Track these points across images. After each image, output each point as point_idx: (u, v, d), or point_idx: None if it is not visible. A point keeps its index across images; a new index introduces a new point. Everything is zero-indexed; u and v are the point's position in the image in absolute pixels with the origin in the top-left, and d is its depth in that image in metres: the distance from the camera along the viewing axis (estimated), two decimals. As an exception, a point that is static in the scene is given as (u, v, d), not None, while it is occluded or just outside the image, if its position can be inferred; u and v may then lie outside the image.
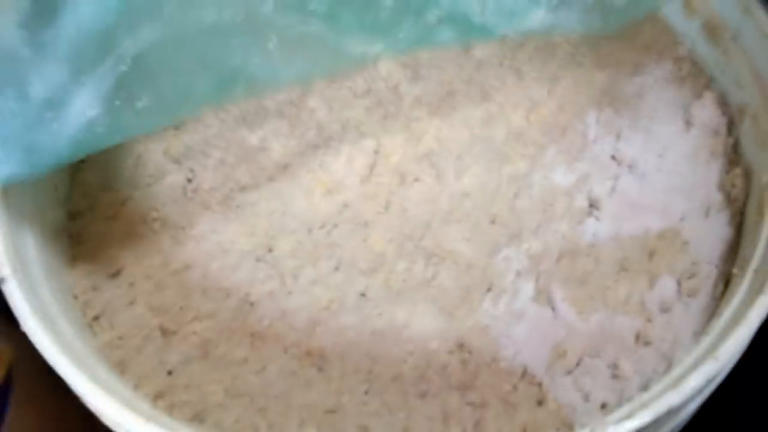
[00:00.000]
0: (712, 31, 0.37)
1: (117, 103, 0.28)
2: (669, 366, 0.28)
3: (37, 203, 0.32)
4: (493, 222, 0.34)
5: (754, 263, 0.29)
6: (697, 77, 0.37)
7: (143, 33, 0.28)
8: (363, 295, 0.32)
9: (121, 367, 0.29)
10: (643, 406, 0.25)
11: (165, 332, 0.30)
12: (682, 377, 0.25)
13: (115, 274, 0.32)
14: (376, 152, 0.36)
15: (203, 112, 0.35)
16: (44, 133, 0.27)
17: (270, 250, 0.33)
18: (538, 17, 0.34)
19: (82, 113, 0.27)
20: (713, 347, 0.26)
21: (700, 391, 0.25)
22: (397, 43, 0.33)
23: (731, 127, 0.36)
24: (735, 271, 0.31)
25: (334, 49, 0.32)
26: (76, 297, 0.31)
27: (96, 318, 0.31)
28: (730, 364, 0.26)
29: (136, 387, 0.28)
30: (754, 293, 0.28)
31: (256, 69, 0.31)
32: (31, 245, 0.30)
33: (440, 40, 0.34)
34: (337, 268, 0.32)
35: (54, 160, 0.27)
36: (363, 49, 0.33)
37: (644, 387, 0.28)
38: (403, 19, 0.32)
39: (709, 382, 0.26)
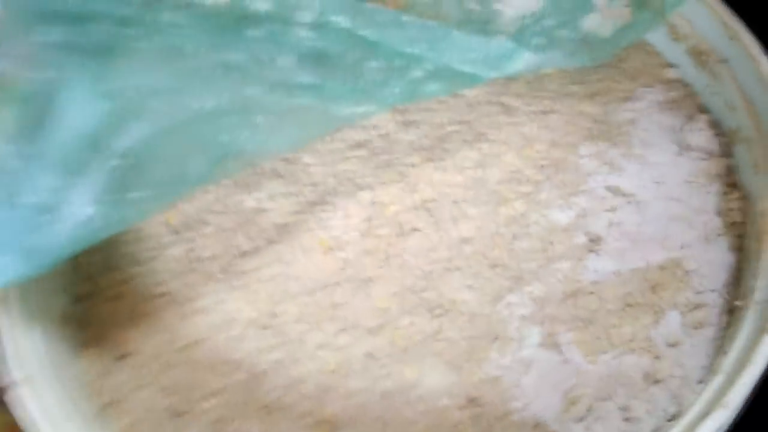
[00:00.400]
0: (699, 55, 0.36)
1: (111, 197, 0.28)
2: (679, 407, 0.28)
3: (41, 294, 0.32)
4: (494, 267, 0.34)
5: (756, 295, 0.29)
6: (688, 101, 0.37)
7: (132, 129, 0.28)
8: (370, 355, 0.32)
9: (138, 457, 0.29)
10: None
11: (178, 413, 0.30)
12: (692, 426, 0.25)
13: (124, 357, 0.32)
14: (372, 204, 0.36)
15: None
16: (41, 236, 0.27)
17: (275, 317, 0.33)
18: (524, 60, 0.34)
19: (77, 212, 0.27)
20: (722, 391, 0.26)
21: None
22: (386, 100, 0.33)
23: (726, 149, 0.36)
24: (738, 302, 0.30)
25: (323, 114, 0.32)
26: (86, 384, 0.31)
27: (108, 404, 0.31)
28: (741, 406, 0.26)
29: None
30: (759, 330, 0.28)
31: (245, 143, 0.31)
32: (40, 340, 0.30)
33: (429, 92, 0.34)
34: (342, 329, 0.32)
35: (53, 259, 0.28)
36: (352, 111, 0.33)
37: (656, 430, 0.28)
38: (389, 78, 0.32)
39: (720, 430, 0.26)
